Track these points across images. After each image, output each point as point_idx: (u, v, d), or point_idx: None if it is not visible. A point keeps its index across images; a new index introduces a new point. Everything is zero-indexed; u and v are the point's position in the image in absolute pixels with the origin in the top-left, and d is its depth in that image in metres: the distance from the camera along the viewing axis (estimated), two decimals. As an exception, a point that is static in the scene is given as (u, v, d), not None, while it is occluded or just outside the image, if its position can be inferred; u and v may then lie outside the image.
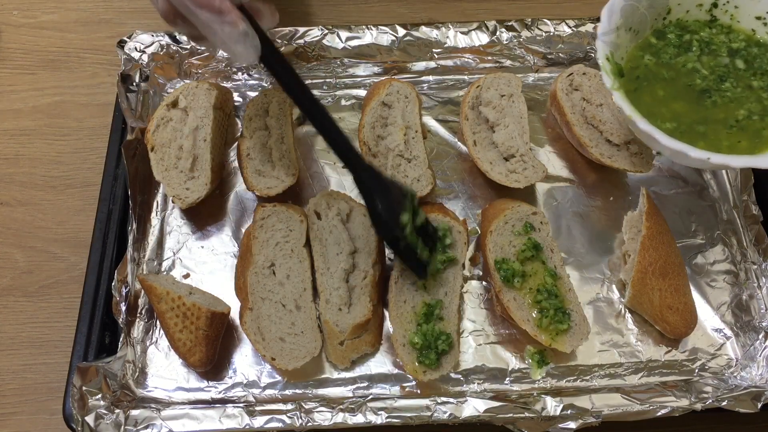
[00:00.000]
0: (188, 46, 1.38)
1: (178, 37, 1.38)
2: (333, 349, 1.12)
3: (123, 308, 1.14)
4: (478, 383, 1.12)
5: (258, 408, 1.07)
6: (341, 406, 1.06)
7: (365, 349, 1.13)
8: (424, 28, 1.41)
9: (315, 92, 1.38)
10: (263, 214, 1.19)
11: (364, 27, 1.41)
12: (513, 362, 1.14)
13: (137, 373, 1.12)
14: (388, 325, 1.16)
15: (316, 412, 1.05)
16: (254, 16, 1.03)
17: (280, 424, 1.04)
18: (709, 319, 1.18)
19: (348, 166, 1.10)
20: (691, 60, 1.17)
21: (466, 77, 1.41)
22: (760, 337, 1.16)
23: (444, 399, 1.06)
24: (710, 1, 1.20)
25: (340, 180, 1.31)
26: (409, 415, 1.05)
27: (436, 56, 1.41)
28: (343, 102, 1.39)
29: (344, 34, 1.40)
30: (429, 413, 1.05)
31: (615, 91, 1.09)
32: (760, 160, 1.04)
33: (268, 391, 1.12)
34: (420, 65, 1.42)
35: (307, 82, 1.39)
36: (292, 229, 1.18)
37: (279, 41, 1.39)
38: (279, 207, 1.19)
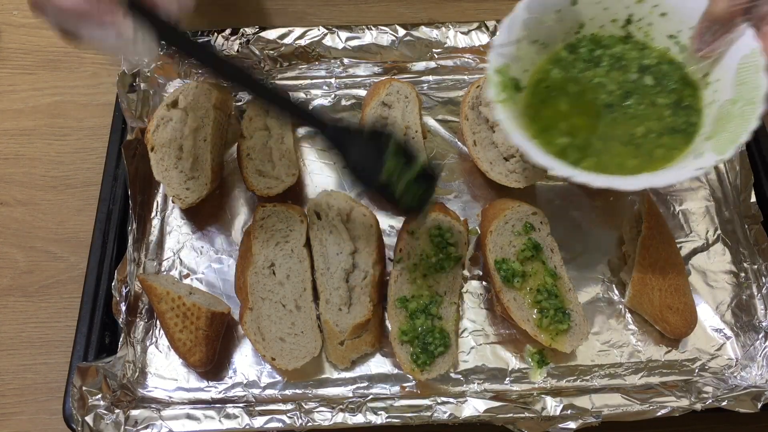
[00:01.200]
0: (188, 46, 1.38)
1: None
2: (333, 349, 1.12)
3: (123, 308, 1.14)
4: (478, 383, 1.12)
5: (258, 408, 1.07)
6: (341, 406, 1.06)
7: (365, 349, 1.13)
8: (424, 28, 1.40)
9: (315, 92, 1.40)
10: (263, 214, 1.19)
11: (364, 27, 1.41)
12: (513, 362, 1.14)
13: (137, 373, 1.12)
14: (388, 325, 1.16)
15: (316, 412, 1.05)
16: (151, 7, 0.94)
17: (280, 424, 1.04)
18: (709, 319, 1.18)
19: (314, 125, 1.04)
20: (600, 75, 1.14)
21: (466, 77, 1.41)
22: (760, 337, 1.16)
23: (444, 399, 1.07)
24: (624, 17, 1.16)
25: (340, 180, 1.31)
26: (409, 415, 1.05)
27: (436, 56, 1.41)
28: (343, 102, 1.39)
29: (344, 34, 1.40)
30: (429, 413, 1.05)
31: (498, 103, 1.04)
32: (619, 181, 1.00)
33: (268, 391, 1.12)
34: (420, 65, 1.42)
35: (307, 82, 1.41)
36: (292, 229, 1.18)
37: (279, 41, 1.39)
38: (279, 207, 1.19)
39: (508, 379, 1.13)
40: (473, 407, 1.05)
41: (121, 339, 1.13)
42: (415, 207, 1.08)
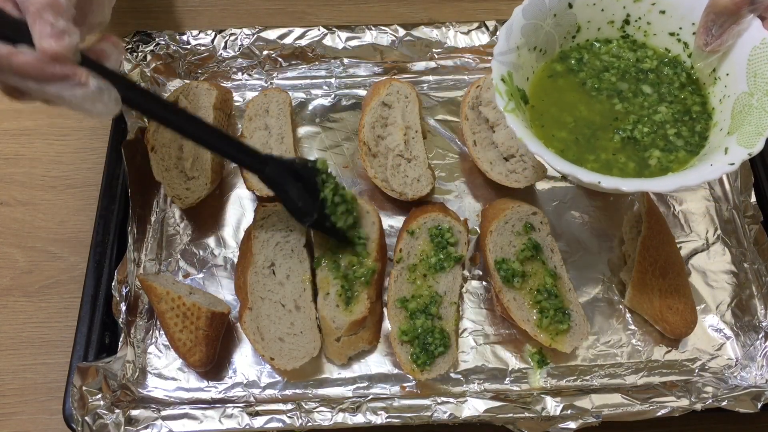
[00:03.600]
0: (188, 46, 1.39)
1: (178, 37, 1.38)
2: (330, 345, 1.12)
3: (123, 308, 1.14)
4: (478, 383, 1.12)
5: (258, 408, 1.07)
6: (341, 406, 1.06)
7: (362, 346, 1.13)
8: (424, 28, 1.41)
9: (315, 92, 1.40)
10: (263, 214, 1.19)
11: (364, 27, 1.41)
12: (513, 362, 1.14)
13: (137, 373, 1.12)
14: (387, 325, 1.16)
15: (316, 412, 1.05)
16: (99, 58, 0.93)
17: (280, 424, 1.04)
18: (709, 319, 1.18)
19: (250, 168, 1.12)
20: (601, 77, 1.14)
21: (466, 77, 1.41)
22: (760, 337, 1.16)
23: (444, 399, 1.07)
24: (622, 17, 1.15)
25: (339, 180, 1.31)
26: (409, 415, 1.05)
27: (436, 56, 1.41)
28: (343, 102, 1.39)
29: (344, 34, 1.40)
30: (429, 413, 1.05)
31: (508, 113, 1.01)
32: (650, 184, 0.99)
33: (268, 391, 1.12)
34: (420, 65, 1.42)
35: (307, 82, 1.41)
36: (292, 229, 1.18)
37: (279, 41, 1.39)
38: (279, 207, 1.19)
39: (508, 379, 1.13)
40: (473, 407, 1.05)
41: (121, 339, 1.13)
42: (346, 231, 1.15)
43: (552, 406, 1.05)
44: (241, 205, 1.28)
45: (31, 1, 0.84)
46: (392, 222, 1.26)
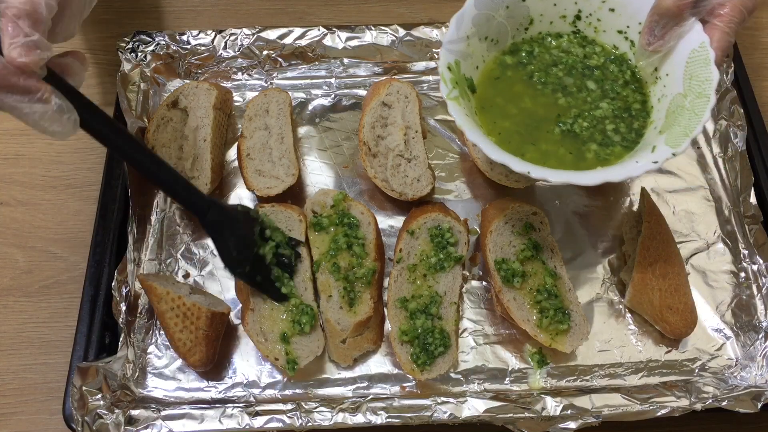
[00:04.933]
0: (188, 46, 1.39)
1: (178, 37, 1.38)
2: (335, 348, 1.12)
3: (123, 308, 1.14)
4: (478, 383, 1.12)
5: (258, 408, 1.07)
6: (341, 406, 1.06)
7: (367, 346, 1.13)
8: (424, 28, 1.41)
9: (315, 92, 1.40)
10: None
11: (364, 27, 1.41)
12: (513, 362, 1.14)
13: (137, 373, 1.12)
14: (388, 325, 1.16)
15: (316, 412, 1.05)
16: (63, 73, 0.89)
17: (280, 424, 1.04)
18: (709, 319, 1.18)
19: (193, 209, 1.08)
20: (548, 72, 1.16)
21: (466, 77, 1.41)
22: (760, 337, 1.16)
23: (444, 399, 1.07)
24: (573, 12, 1.17)
25: (339, 180, 1.31)
26: (409, 415, 1.05)
27: (436, 56, 1.41)
28: (343, 102, 1.39)
29: (344, 34, 1.40)
30: (429, 413, 1.05)
31: (450, 100, 1.03)
32: (576, 176, 0.98)
33: (268, 391, 1.12)
34: (420, 65, 1.42)
35: (307, 82, 1.41)
36: (291, 229, 1.18)
37: (279, 41, 1.39)
38: (277, 207, 1.19)
39: (508, 379, 1.13)
40: (473, 407, 1.05)
41: (121, 339, 1.13)
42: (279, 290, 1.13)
43: (552, 406, 1.05)
44: (241, 205, 1.28)
45: (10, 4, 0.81)
46: (392, 222, 1.27)
